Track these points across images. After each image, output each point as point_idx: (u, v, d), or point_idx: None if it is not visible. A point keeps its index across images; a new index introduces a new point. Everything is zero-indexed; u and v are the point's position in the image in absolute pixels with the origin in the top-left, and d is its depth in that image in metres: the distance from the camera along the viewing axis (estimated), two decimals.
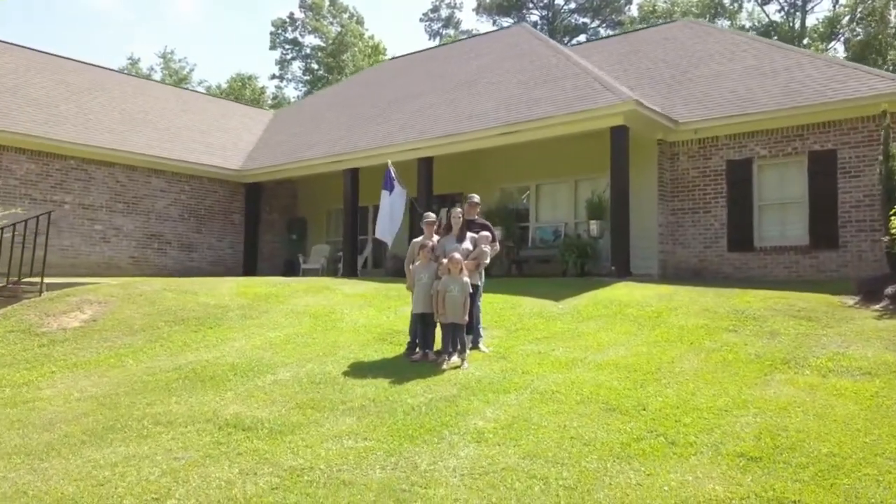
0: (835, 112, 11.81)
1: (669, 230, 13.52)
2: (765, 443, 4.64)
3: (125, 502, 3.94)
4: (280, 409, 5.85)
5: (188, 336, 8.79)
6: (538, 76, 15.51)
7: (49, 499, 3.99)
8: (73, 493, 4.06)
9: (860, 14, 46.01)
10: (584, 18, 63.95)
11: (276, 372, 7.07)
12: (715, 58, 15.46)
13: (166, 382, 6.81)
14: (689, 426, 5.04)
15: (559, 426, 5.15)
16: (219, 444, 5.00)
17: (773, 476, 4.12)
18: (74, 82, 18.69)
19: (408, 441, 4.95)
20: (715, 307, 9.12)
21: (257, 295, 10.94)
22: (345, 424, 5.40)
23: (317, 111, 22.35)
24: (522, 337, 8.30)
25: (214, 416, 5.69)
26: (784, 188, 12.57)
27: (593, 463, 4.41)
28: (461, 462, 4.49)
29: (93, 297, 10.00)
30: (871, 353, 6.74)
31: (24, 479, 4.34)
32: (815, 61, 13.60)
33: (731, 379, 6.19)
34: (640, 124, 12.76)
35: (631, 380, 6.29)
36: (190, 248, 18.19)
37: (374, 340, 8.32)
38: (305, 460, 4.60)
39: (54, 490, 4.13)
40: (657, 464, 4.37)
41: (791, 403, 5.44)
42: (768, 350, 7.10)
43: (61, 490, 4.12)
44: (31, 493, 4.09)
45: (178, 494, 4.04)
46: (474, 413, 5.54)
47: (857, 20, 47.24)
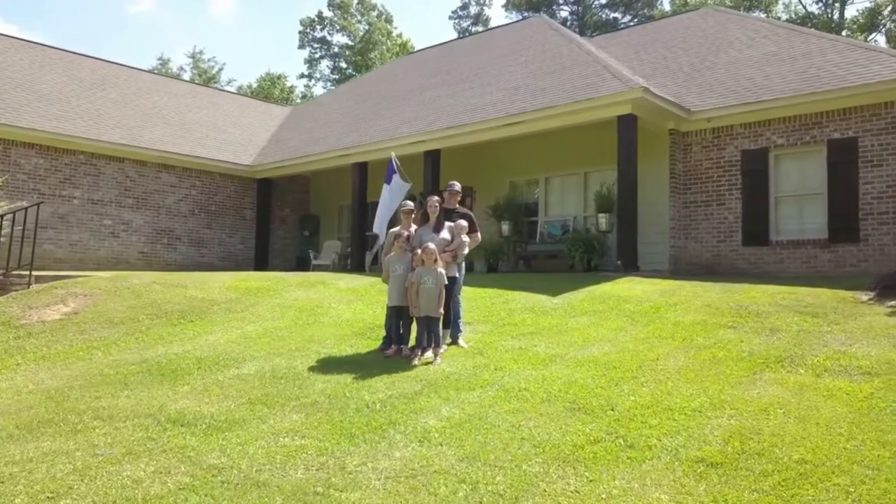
0: (856, 98, 11.14)
1: (682, 224, 12.95)
2: (732, 447, 4.19)
3: (17, 501, 3.67)
4: (230, 405, 5.56)
5: (167, 329, 8.58)
6: (547, 66, 15.05)
7: None
8: None
9: None
10: (615, 14, 62.97)
11: (241, 366, 6.79)
12: (734, 45, 14.82)
13: (126, 376, 6.58)
14: (654, 428, 4.61)
15: (513, 426, 4.76)
16: (149, 440, 4.72)
17: (730, 485, 3.68)
18: (87, 78, 18.78)
19: (346, 440, 4.61)
20: (717, 303, 8.60)
21: (248, 289, 10.71)
22: (290, 421, 5.08)
23: (331, 107, 22.17)
24: (508, 332, 7.89)
25: (159, 411, 5.42)
26: (802, 179, 11.91)
27: (535, 467, 4.02)
28: (393, 463, 4.13)
29: (79, 290, 9.88)
30: (874, 351, 6.20)
31: None
32: (836, 45, 12.89)
33: (716, 378, 5.72)
34: (650, 113, 12.23)
35: (607, 377, 5.86)
36: (200, 244, 18.12)
37: (353, 335, 8.00)
38: (229, 459, 4.29)
39: None
40: (605, 469, 3.95)
41: (773, 404, 4.96)
42: (764, 348, 6.59)
43: None
44: None
45: (76, 493, 3.77)
46: (429, 411, 5.18)
47: None
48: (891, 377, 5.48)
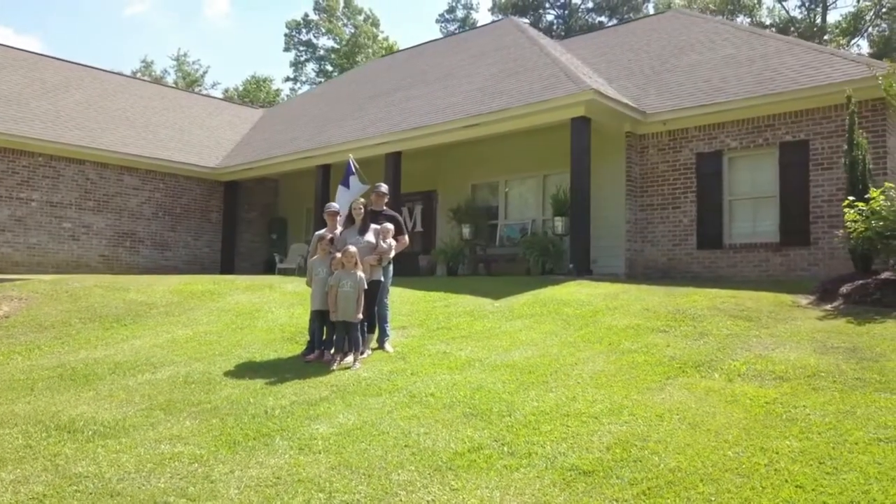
0: (807, 100, 11.10)
1: (638, 227, 12.88)
2: (612, 455, 4.08)
3: None
4: (128, 410, 5.43)
5: (96, 334, 8.43)
6: (509, 68, 14.97)
7: None
8: None
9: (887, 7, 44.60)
10: (600, 17, 63.11)
11: (157, 371, 6.66)
12: (695, 47, 14.78)
13: (35, 381, 6.43)
14: (543, 435, 4.50)
15: (404, 433, 4.64)
16: (26, 447, 4.59)
17: (592, 494, 3.57)
18: (50, 80, 18.60)
19: (227, 447, 4.49)
20: (657, 307, 8.51)
21: (192, 293, 10.57)
22: (180, 428, 4.95)
23: (302, 109, 22.05)
24: (438, 336, 7.78)
25: (52, 417, 5.28)
26: (755, 182, 11.86)
27: (405, 475, 3.90)
28: (261, 472, 4.01)
29: (15, 294, 9.72)
30: (794, 355, 6.11)
31: None
32: (793, 48, 12.86)
33: (626, 383, 5.62)
34: (604, 115, 12.16)
35: (518, 382, 5.75)
36: (164, 247, 17.95)
37: (282, 340, 7.88)
38: (98, 467, 4.16)
39: None
40: (474, 477, 3.84)
41: (672, 410, 4.86)
42: (687, 352, 6.50)
43: None
44: None
45: None
46: (325, 417, 5.06)
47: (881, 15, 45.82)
48: (800, 382, 5.40)
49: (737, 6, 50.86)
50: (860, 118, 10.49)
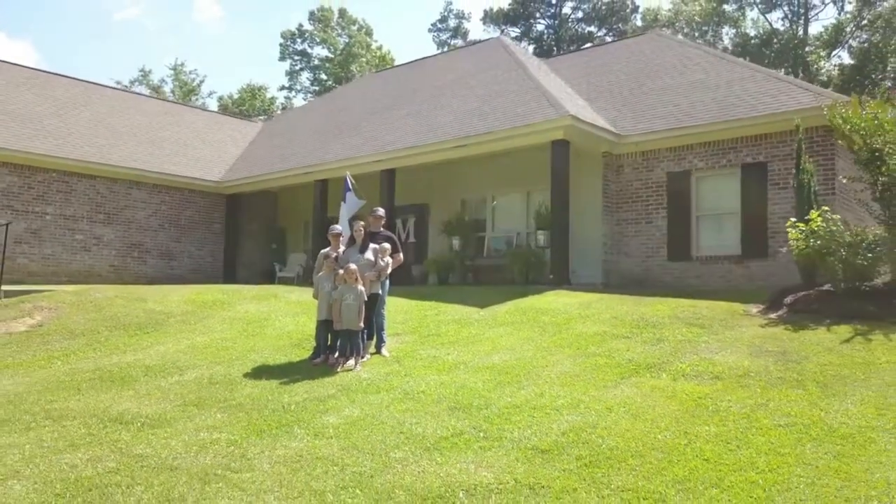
0: (765, 126, 12.20)
1: (614, 240, 13.95)
2: (566, 438, 5.12)
3: None
4: (166, 406, 6.43)
5: (123, 340, 9.43)
6: (496, 90, 16.03)
7: None
8: None
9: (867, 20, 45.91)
10: (590, 27, 64.34)
11: (184, 373, 7.66)
12: (669, 71, 15.88)
13: (79, 382, 7.43)
14: (513, 423, 5.53)
15: (399, 423, 5.67)
16: (89, 435, 5.59)
17: (547, 466, 4.61)
18: (60, 97, 19.56)
19: (255, 434, 5.50)
20: (624, 315, 9.55)
21: (204, 302, 11.57)
22: (213, 420, 5.96)
23: (300, 123, 23.07)
24: (429, 342, 8.80)
25: (103, 412, 6.28)
26: (719, 199, 12.96)
27: (400, 454, 4.93)
28: (286, 452, 5.03)
29: (45, 304, 10.70)
30: (732, 358, 7.17)
31: None
32: (755, 75, 13.97)
33: (587, 382, 6.66)
34: (582, 138, 13.23)
35: (496, 381, 6.78)
36: (170, 257, 18.93)
37: (290, 346, 8.88)
38: (153, 450, 5.17)
39: None
40: (455, 455, 4.87)
41: (620, 404, 5.91)
42: (644, 356, 7.54)
43: None
44: None
45: (23, 475, 4.63)
46: (334, 411, 6.08)
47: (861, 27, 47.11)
48: (731, 381, 6.46)
49: (722, 18, 52.18)
50: (812, 142, 11.66)
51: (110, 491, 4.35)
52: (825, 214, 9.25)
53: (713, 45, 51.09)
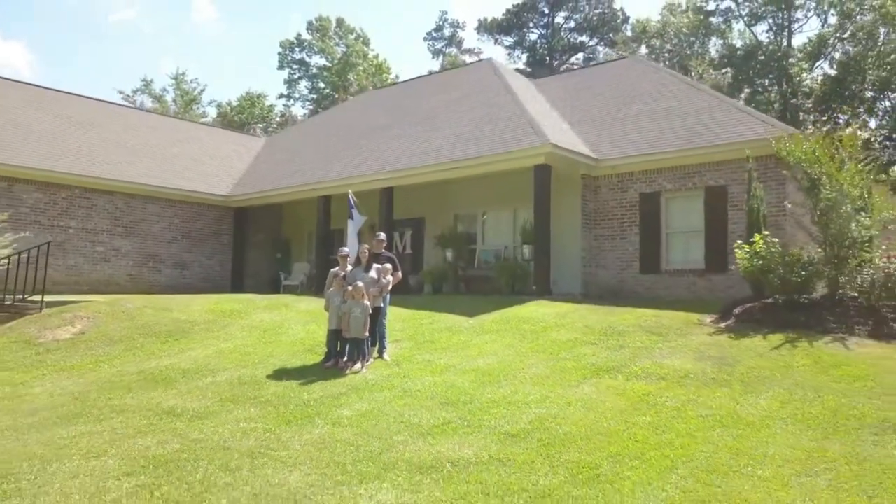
0: (726, 153, 13.63)
1: (592, 254, 15.36)
2: (531, 426, 6.51)
3: (74, 456, 5.88)
4: (206, 402, 7.79)
5: (157, 346, 10.79)
6: (486, 115, 17.43)
7: (24, 455, 5.95)
8: (41, 452, 6.02)
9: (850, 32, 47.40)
10: (581, 37, 65.88)
11: (216, 375, 9.02)
12: (644, 97, 17.31)
13: (129, 383, 8.79)
14: (491, 415, 6.92)
15: (400, 414, 7.05)
16: (151, 425, 6.95)
17: (514, 446, 5.99)
18: (77, 117, 20.91)
19: (285, 424, 6.87)
20: (595, 324, 10.94)
21: (223, 311, 12.93)
22: (248, 413, 7.33)
23: (301, 139, 24.45)
24: (424, 348, 10.19)
25: (156, 406, 7.64)
26: (686, 218, 14.39)
27: (401, 437, 6.31)
28: (313, 437, 6.41)
29: (83, 314, 12.05)
30: (678, 362, 8.58)
31: (11, 445, 6.31)
32: (721, 104, 15.41)
33: (556, 382, 8.05)
34: (562, 162, 14.64)
35: (480, 381, 8.17)
36: (182, 267, 20.28)
37: (303, 351, 10.25)
38: (206, 435, 6.54)
39: (29, 450, 6.09)
40: (444, 438, 6.25)
41: (578, 400, 7.30)
42: (605, 360, 8.94)
43: (34, 450, 6.08)
44: (14, 452, 6.06)
45: (109, 454, 5.99)
46: (346, 406, 7.46)
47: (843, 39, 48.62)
48: (673, 381, 7.86)
49: (708, 30, 53.66)
50: (767, 168, 13.10)
51: (181, 464, 5.71)
52: (766, 238, 10.68)
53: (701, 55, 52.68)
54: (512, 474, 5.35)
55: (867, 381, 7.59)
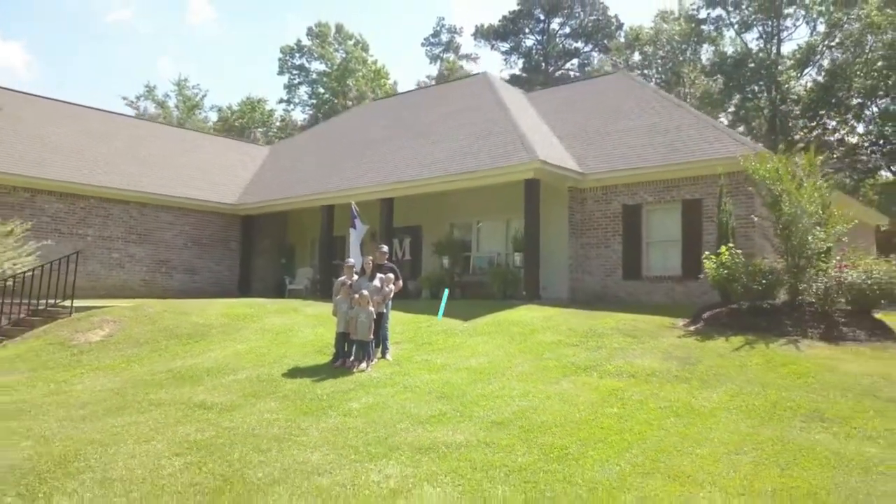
0: (701, 169, 14.76)
1: (578, 261, 16.49)
2: (514, 416, 7.62)
3: (128, 441, 6.98)
4: (232, 397, 8.89)
5: (180, 348, 11.88)
6: (481, 130, 18.54)
7: (84, 440, 7.03)
8: (98, 438, 7.11)
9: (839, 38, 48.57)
10: (576, 43, 67.05)
11: (237, 374, 10.12)
12: (629, 114, 18.44)
13: (160, 380, 9.88)
14: (481, 407, 8.02)
15: (402, 407, 8.15)
16: (187, 416, 8.05)
17: (498, 433, 7.10)
18: (95, 130, 22.00)
19: (303, 414, 7.97)
20: (577, 327, 12.05)
21: (237, 315, 14.02)
22: (270, 406, 8.42)
23: (304, 150, 25.55)
24: (423, 349, 11.29)
25: (188, 400, 8.74)
26: (665, 229, 15.52)
27: (403, 425, 7.41)
28: (327, 425, 7.51)
29: (109, 318, 13.13)
30: (648, 362, 9.70)
31: (71, 432, 7.40)
32: (698, 122, 16.54)
33: (539, 379, 9.16)
34: (550, 177, 15.77)
35: (472, 378, 9.28)
36: (193, 272, 21.38)
37: (313, 352, 11.35)
38: (236, 424, 7.63)
39: (88, 436, 7.19)
40: (440, 426, 7.36)
41: (557, 394, 8.41)
42: (584, 360, 10.05)
43: (92, 436, 7.18)
44: (75, 438, 7.14)
45: (157, 440, 7.08)
46: (355, 399, 8.56)
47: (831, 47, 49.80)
48: (641, 378, 8.97)
49: (700, 38, 54.80)
50: (738, 184, 14.21)
51: (219, 447, 6.81)
52: (731, 250, 11.82)
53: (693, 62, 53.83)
54: (495, 454, 6.46)
55: (809, 377, 8.72)
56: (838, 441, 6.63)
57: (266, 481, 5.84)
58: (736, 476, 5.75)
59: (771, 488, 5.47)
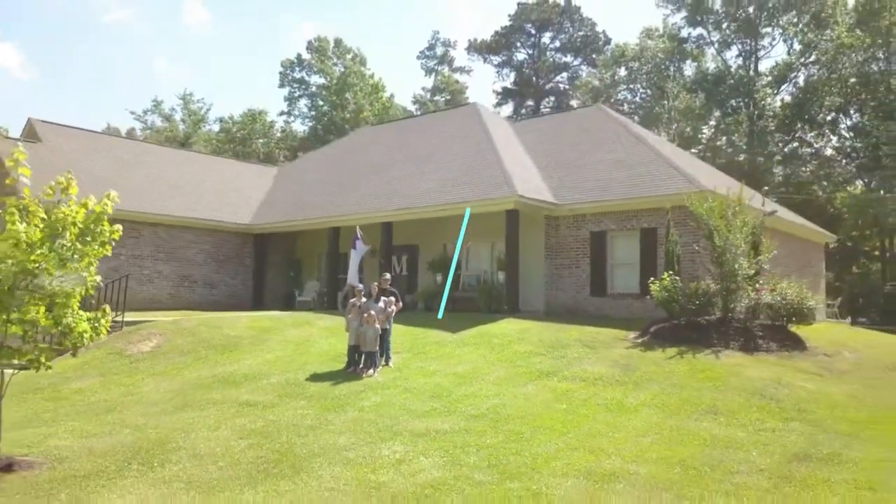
0: (655, 202, 17.31)
1: (552, 280, 19.02)
2: (487, 411, 10.13)
3: (201, 429, 9.45)
4: (269, 397, 11.37)
5: (218, 357, 14.37)
6: (471, 162, 21.05)
7: (166, 430, 9.50)
8: (179, 427, 9.59)
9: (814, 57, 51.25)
10: (566, 58, 69.63)
11: (269, 378, 12.60)
12: (601, 147, 20.99)
13: (209, 384, 12.36)
14: (463, 404, 10.53)
15: (402, 404, 10.65)
16: (239, 412, 10.53)
17: (475, 423, 9.61)
18: (125, 158, 24.49)
19: (327, 410, 10.47)
20: (547, 339, 14.57)
21: (261, 328, 16.52)
22: (300, 404, 10.91)
23: (310, 173, 28.08)
24: (419, 357, 13.80)
25: (236, 399, 11.22)
26: (626, 253, 18.06)
27: (404, 418, 9.91)
28: (347, 417, 10.01)
29: (155, 331, 15.62)
30: (597, 368, 12.23)
31: (156, 423, 9.87)
32: (657, 159, 19.10)
33: (510, 383, 11.68)
34: (528, 207, 18.31)
35: (457, 382, 11.79)
36: (212, 286, 23.87)
37: (330, 360, 13.85)
38: (278, 417, 10.12)
39: (170, 426, 9.66)
40: (431, 418, 9.86)
41: (523, 395, 10.93)
42: (549, 367, 12.58)
43: (173, 426, 9.66)
44: (161, 427, 9.61)
45: (222, 428, 9.57)
46: (366, 398, 11.06)
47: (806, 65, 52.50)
48: (588, 382, 11.50)
49: (683, 55, 57.43)
50: (686, 216, 16.70)
51: (269, 433, 9.29)
52: (671, 275, 14.39)
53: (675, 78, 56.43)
54: (471, 437, 8.97)
55: (719, 381, 11.28)
56: (719, 428, 9.18)
57: (309, 455, 8.34)
58: (635, 450, 8.29)
59: (656, 457, 8.00)
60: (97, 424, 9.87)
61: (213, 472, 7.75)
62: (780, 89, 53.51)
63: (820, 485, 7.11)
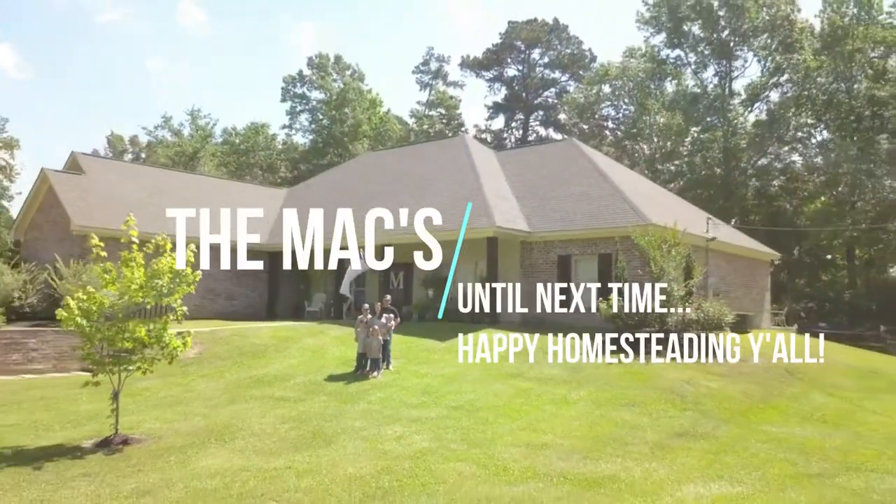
0: (610, 232, 20.75)
1: (527, 296, 22.40)
2: (464, 403, 13.52)
3: (251, 417, 12.81)
4: (297, 394, 14.74)
5: (250, 362, 17.73)
6: (460, 191, 24.44)
7: (226, 418, 12.84)
8: (235, 415, 12.94)
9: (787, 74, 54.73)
10: (554, 74, 73.05)
11: (295, 379, 15.97)
12: (570, 181, 24.43)
13: (247, 384, 15.73)
14: (446, 398, 13.92)
15: (400, 399, 14.04)
16: (276, 405, 13.89)
17: (454, 412, 13.00)
18: (151, 185, 27.83)
19: (344, 403, 13.84)
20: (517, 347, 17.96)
21: (282, 337, 19.90)
22: (322, 399, 14.29)
23: (316, 195, 31.43)
24: (412, 363, 17.19)
25: (272, 395, 14.58)
26: (587, 274, 21.50)
27: (403, 410, 13.30)
28: (359, 408, 13.39)
29: (197, 340, 18.94)
30: (553, 371, 15.65)
31: (217, 413, 13.22)
32: (615, 194, 22.51)
33: (483, 383, 15.08)
34: (506, 235, 21.74)
35: (443, 381, 15.18)
36: (232, 298, 27.22)
37: (342, 364, 17.22)
38: (307, 408, 13.48)
39: (228, 414, 13.02)
40: (423, 409, 13.25)
41: (491, 392, 14.33)
42: (515, 369, 15.98)
43: (230, 415, 13.01)
44: (222, 415, 12.96)
45: (267, 416, 12.93)
46: (372, 394, 14.44)
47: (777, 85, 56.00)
48: (544, 381, 14.92)
49: (663, 73, 60.89)
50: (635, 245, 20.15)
51: (303, 419, 12.65)
52: (616, 297, 17.83)
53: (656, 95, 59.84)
54: (451, 422, 12.35)
55: (643, 381, 14.72)
56: (632, 415, 12.61)
57: (334, 434, 11.71)
58: (565, 430, 11.70)
59: (579, 435, 11.42)
60: (172, 413, 13.24)
61: (269, 445, 11.12)
62: (752, 108, 57.11)
63: (683, 451, 10.54)
